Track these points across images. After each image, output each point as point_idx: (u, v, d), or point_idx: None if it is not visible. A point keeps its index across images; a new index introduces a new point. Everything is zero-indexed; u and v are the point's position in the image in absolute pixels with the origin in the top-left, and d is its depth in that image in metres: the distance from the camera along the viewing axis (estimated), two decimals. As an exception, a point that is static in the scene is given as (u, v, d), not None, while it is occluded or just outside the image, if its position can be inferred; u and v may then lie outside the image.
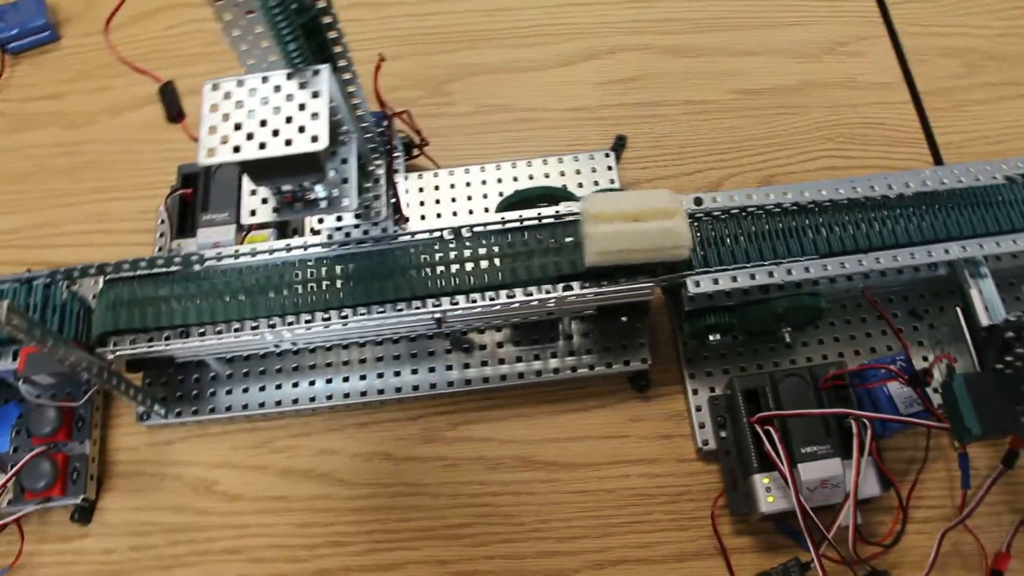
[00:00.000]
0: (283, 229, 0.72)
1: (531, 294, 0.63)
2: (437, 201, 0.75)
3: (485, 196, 0.75)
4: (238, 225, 0.70)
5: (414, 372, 0.70)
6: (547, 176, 0.76)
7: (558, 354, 0.70)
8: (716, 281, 0.63)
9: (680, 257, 0.63)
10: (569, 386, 0.71)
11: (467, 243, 0.65)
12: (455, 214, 0.75)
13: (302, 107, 0.51)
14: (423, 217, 0.75)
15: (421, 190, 0.76)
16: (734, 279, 0.63)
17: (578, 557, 0.66)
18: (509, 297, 0.63)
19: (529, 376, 0.69)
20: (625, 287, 0.63)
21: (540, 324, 0.70)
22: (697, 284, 0.63)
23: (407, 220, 0.68)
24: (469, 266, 0.64)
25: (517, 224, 0.65)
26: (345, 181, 0.57)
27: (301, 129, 0.50)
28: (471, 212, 0.75)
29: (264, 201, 0.56)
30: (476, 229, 0.66)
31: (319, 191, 0.56)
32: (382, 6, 0.87)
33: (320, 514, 0.67)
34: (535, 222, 0.65)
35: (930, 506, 0.68)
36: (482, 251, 0.64)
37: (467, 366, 0.70)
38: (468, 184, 0.76)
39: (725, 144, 0.80)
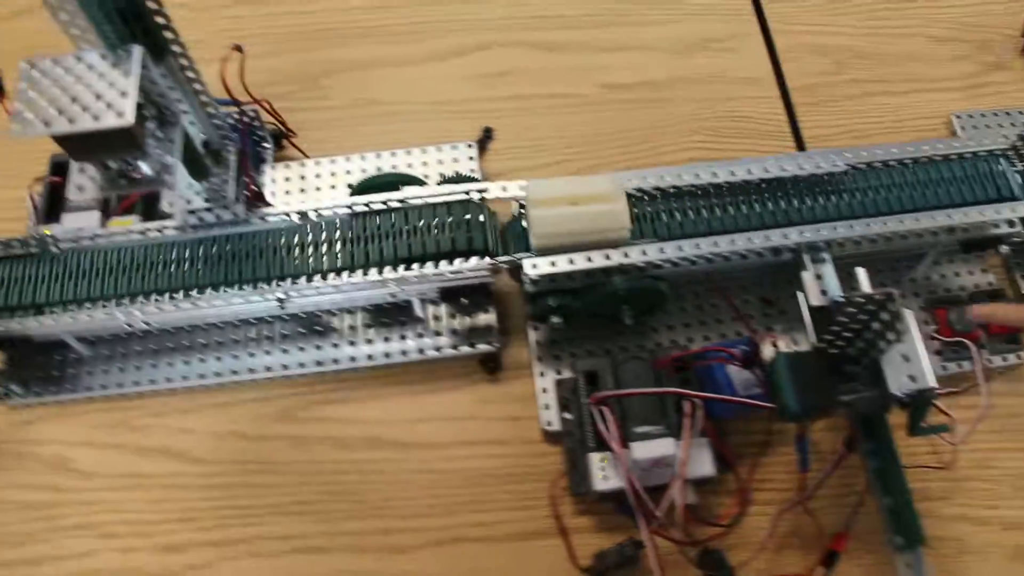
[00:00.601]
0: (150, 214, 0.73)
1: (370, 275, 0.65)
2: (302, 190, 0.77)
3: (349, 185, 0.77)
4: (103, 211, 0.72)
5: (268, 354, 0.71)
6: (410, 166, 0.78)
7: (408, 337, 0.71)
8: (553, 264, 0.65)
9: (622, 239, 0.65)
10: (421, 368, 0.72)
11: (318, 227, 0.67)
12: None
13: (112, 85, 0.53)
14: (288, 205, 0.77)
15: (287, 179, 0.78)
16: (570, 261, 0.65)
17: (419, 534, 0.67)
18: (349, 278, 0.65)
19: (379, 358, 0.71)
20: (461, 268, 0.65)
21: (393, 308, 0.72)
22: (534, 266, 0.65)
23: (269, 205, 0.70)
24: (319, 249, 0.66)
25: (364, 209, 0.68)
26: (170, 160, 0.58)
27: (109, 105, 0.52)
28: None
29: (92, 178, 0.58)
30: (324, 213, 0.68)
31: (144, 169, 0.58)
32: (263, 4, 0.89)
33: (172, 491, 0.69)
34: (382, 207, 0.68)
35: (774, 488, 0.69)
36: (331, 235, 0.67)
37: (320, 348, 0.71)
38: (333, 174, 0.78)
39: (591, 136, 0.82)
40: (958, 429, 0.64)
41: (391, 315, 0.72)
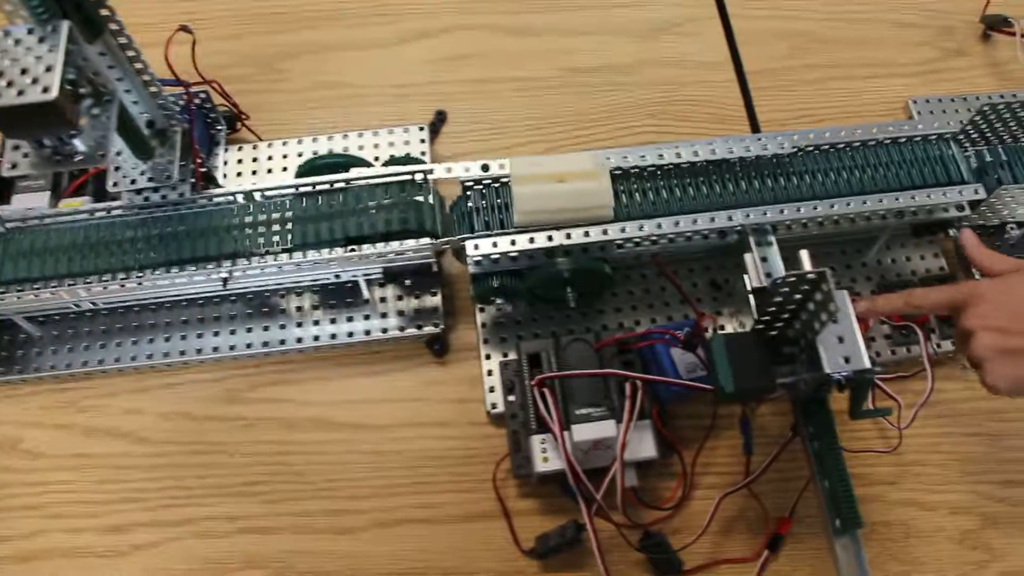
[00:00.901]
0: (101, 195, 0.73)
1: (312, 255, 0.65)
2: (255, 172, 0.77)
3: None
4: (53, 192, 0.72)
5: (216, 335, 0.71)
6: (361, 148, 0.77)
7: (355, 319, 0.71)
8: (495, 244, 0.65)
9: (605, 217, 0.65)
10: (368, 350, 0.72)
11: (262, 207, 0.67)
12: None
13: (39, 60, 0.53)
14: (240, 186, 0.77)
15: (240, 161, 0.78)
16: (512, 242, 0.65)
17: (364, 516, 0.67)
18: (291, 258, 0.65)
19: (326, 340, 0.71)
20: (403, 248, 0.65)
21: (340, 290, 0.72)
22: (476, 247, 0.65)
23: (219, 186, 0.70)
24: (263, 229, 0.66)
25: (309, 190, 0.68)
26: (104, 137, 0.58)
27: (35, 80, 0.52)
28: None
29: (26, 155, 0.58)
30: (269, 193, 0.68)
31: (79, 146, 0.58)
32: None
33: (119, 471, 0.69)
34: (327, 187, 0.68)
35: (719, 472, 0.69)
36: (275, 215, 0.67)
37: (267, 330, 0.71)
38: (285, 156, 0.78)
39: (547, 119, 0.82)
40: (905, 413, 0.64)
41: (339, 296, 0.72)
